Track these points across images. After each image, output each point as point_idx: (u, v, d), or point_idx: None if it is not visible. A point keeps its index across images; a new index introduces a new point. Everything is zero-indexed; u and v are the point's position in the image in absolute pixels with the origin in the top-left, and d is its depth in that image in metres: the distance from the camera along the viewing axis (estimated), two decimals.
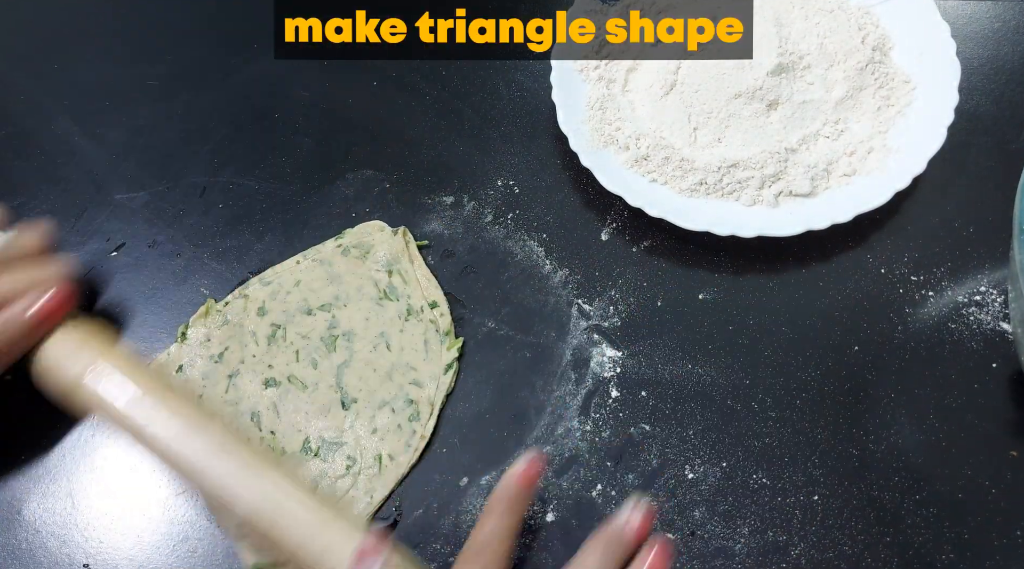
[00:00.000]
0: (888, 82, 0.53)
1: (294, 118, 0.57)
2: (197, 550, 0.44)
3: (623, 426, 0.46)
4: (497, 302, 0.50)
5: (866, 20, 0.54)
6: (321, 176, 0.55)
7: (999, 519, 0.42)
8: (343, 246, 0.52)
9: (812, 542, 0.43)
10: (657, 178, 0.51)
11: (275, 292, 0.51)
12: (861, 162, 0.51)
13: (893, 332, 0.48)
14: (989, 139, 0.53)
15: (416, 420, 0.47)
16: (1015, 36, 0.57)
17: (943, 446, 0.44)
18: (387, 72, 0.58)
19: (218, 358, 0.49)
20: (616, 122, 0.53)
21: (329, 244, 0.52)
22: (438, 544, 0.44)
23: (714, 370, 0.47)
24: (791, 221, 0.48)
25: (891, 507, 0.43)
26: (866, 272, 0.49)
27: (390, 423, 0.47)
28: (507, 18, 0.60)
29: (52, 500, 0.46)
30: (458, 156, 0.55)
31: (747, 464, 0.45)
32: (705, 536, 0.43)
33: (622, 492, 0.44)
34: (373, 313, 0.50)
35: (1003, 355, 0.46)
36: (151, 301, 0.51)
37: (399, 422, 0.47)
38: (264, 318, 0.50)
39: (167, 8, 0.62)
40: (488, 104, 0.57)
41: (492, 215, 0.53)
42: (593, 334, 0.49)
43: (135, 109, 0.58)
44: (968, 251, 0.50)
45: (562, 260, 0.51)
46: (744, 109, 0.51)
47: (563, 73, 0.53)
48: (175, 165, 0.56)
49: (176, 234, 0.53)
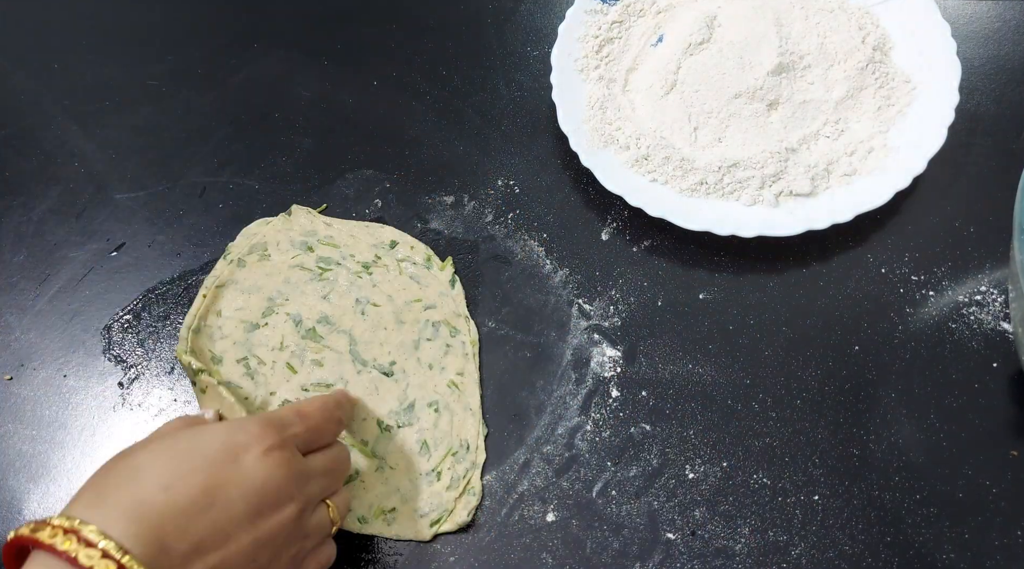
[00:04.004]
0: (888, 82, 0.53)
1: (294, 118, 0.57)
2: None
3: (623, 426, 0.46)
4: (497, 302, 0.50)
5: (866, 20, 0.54)
6: (321, 176, 0.55)
7: (999, 519, 0.42)
8: (233, 260, 0.50)
9: (812, 542, 0.43)
10: (657, 178, 0.51)
11: (212, 334, 0.48)
12: (861, 162, 0.51)
13: (893, 332, 0.48)
14: (989, 139, 0.53)
15: (456, 334, 0.46)
16: (1015, 36, 0.57)
17: (943, 446, 0.44)
18: (387, 72, 0.58)
19: None
20: (616, 122, 0.53)
21: (220, 266, 0.50)
22: (438, 544, 0.44)
23: (714, 370, 0.47)
24: (791, 221, 0.48)
25: (891, 507, 0.43)
26: (866, 272, 0.49)
27: (436, 350, 0.46)
28: (507, 18, 0.60)
29: (52, 500, 0.46)
30: (458, 156, 0.55)
31: (747, 464, 0.45)
32: (705, 536, 0.43)
33: (622, 492, 0.44)
34: (327, 289, 0.48)
35: (1003, 355, 0.46)
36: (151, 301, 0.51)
37: (444, 344, 0.46)
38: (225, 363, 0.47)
39: (167, 8, 0.62)
40: (488, 104, 0.57)
41: (492, 215, 0.53)
42: (593, 334, 0.49)
43: (135, 109, 0.58)
44: (968, 251, 0.50)
45: (562, 260, 0.51)
46: (744, 109, 0.51)
47: (563, 73, 0.53)
48: (175, 165, 0.56)
49: (176, 234, 0.53)
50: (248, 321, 0.49)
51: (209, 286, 0.50)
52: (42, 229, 0.54)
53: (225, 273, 0.50)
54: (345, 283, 0.49)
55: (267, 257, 0.50)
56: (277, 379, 0.47)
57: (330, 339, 0.48)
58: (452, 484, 0.44)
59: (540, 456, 0.45)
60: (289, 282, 0.50)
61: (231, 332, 0.48)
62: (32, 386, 0.49)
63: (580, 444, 0.46)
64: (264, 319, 0.49)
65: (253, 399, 0.47)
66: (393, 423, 0.46)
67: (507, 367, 0.48)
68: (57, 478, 0.46)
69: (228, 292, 0.49)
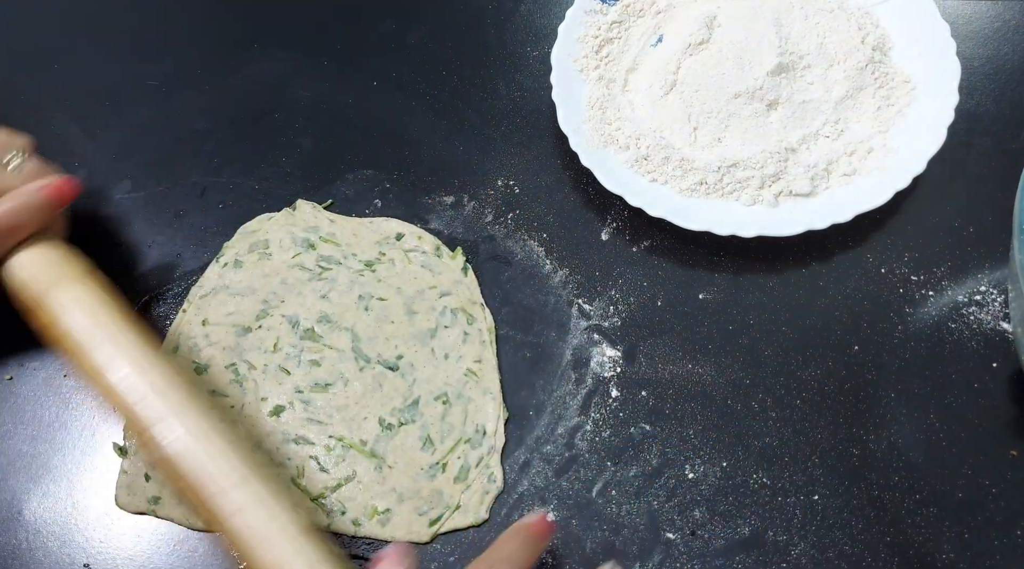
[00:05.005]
0: (888, 82, 0.53)
1: (294, 118, 0.57)
2: (197, 550, 0.44)
3: (623, 426, 0.46)
4: (497, 302, 0.50)
5: (866, 20, 0.54)
6: (321, 176, 0.55)
7: (999, 519, 0.42)
8: (228, 263, 0.49)
9: (812, 542, 0.43)
10: (657, 178, 0.51)
11: (196, 346, 0.47)
12: (861, 162, 0.51)
13: (893, 332, 0.48)
14: (989, 139, 0.53)
15: (473, 322, 0.44)
16: (1015, 36, 0.57)
17: (943, 446, 0.44)
18: (387, 72, 0.58)
19: None
20: (616, 122, 0.53)
21: (209, 273, 0.49)
22: (438, 544, 0.44)
23: (714, 370, 0.47)
24: (791, 221, 0.49)
25: (891, 507, 0.43)
26: (866, 272, 0.49)
27: (454, 338, 0.44)
28: (507, 18, 0.60)
29: (52, 500, 0.46)
30: (458, 156, 0.55)
31: (747, 464, 0.45)
32: (705, 536, 0.43)
33: (622, 492, 0.44)
34: (326, 288, 0.46)
35: (1003, 355, 0.46)
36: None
37: (461, 332, 0.44)
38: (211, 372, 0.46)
39: (167, 8, 0.62)
40: (488, 104, 0.57)
41: (492, 215, 0.53)
42: (593, 334, 0.49)
43: (135, 109, 0.58)
44: (968, 251, 0.50)
45: (562, 260, 0.51)
46: (744, 109, 0.51)
47: (563, 73, 0.53)
48: (175, 165, 0.56)
49: (176, 234, 0.53)
50: (240, 325, 0.48)
51: (192, 299, 0.49)
52: None
53: (213, 280, 0.49)
54: (346, 281, 0.49)
55: (268, 256, 0.50)
56: (269, 383, 0.46)
57: (330, 338, 0.47)
58: (460, 474, 0.44)
59: (540, 456, 0.46)
60: (286, 283, 0.49)
61: (220, 339, 0.47)
62: (32, 386, 0.49)
63: (580, 444, 0.46)
64: (258, 322, 0.48)
65: (239, 408, 0.46)
66: (395, 421, 0.45)
67: (507, 367, 0.48)
68: (57, 478, 0.46)
69: (216, 299, 0.49)
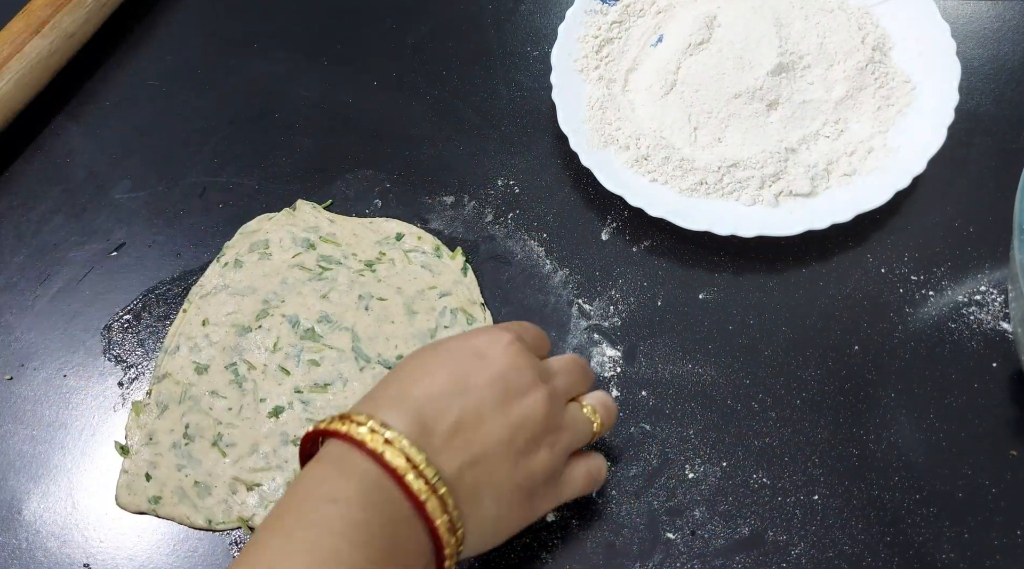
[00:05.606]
0: (888, 82, 0.53)
1: (294, 118, 0.57)
2: (197, 550, 0.44)
3: (623, 426, 0.46)
4: (497, 302, 0.50)
5: (866, 20, 0.54)
6: (321, 176, 0.55)
7: (999, 519, 0.42)
8: (228, 263, 0.49)
9: (812, 542, 0.43)
10: (657, 178, 0.51)
11: (196, 346, 0.47)
12: (861, 162, 0.51)
13: (893, 332, 0.48)
14: (989, 139, 0.53)
15: (473, 322, 0.44)
16: (1015, 36, 0.57)
17: (943, 446, 0.44)
18: (387, 72, 0.58)
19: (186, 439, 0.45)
20: (616, 122, 0.53)
21: (209, 272, 0.49)
22: None
23: (714, 370, 0.47)
24: (791, 221, 0.49)
25: (891, 507, 0.43)
26: (866, 272, 0.49)
27: None
28: (507, 18, 0.60)
29: (52, 500, 0.46)
30: (458, 156, 0.55)
31: (747, 464, 0.45)
32: (705, 536, 0.43)
33: (622, 492, 0.44)
34: (326, 288, 0.46)
35: (1003, 355, 0.46)
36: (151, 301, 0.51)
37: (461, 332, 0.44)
38: (211, 372, 0.46)
39: (167, 8, 0.62)
40: (488, 104, 0.57)
41: (492, 215, 0.53)
42: (593, 334, 0.49)
43: (135, 109, 0.58)
44: (968, 251, 0.50)
45: (562, 260, 0.51)
46: (744, 109, 0.51)
47: (563, 73, 0.53)
48: (175, 165, 0.56)
49: (176, 234, 0.53)
50: (240, 325, 0.48)
51: (192, 299, 0.49)
52: (42, 229, 0.54)
53: (214, 280, 0.49)
54: (346, 281, 0.48)
55: (268, 256, 0.50)
56: (268, 384, 0.46)
57: (330, 338, 0.47)
58: None
59: None
60: (286, 283, 0.49)
61: (220, 339, 0.47)
62: (32, 386, 0.49)
63: None
64: (258, 322, 0.48)
65: (236, 409, 0.46)
66: None
67: None
68: (57, 478, 0.46)
69: (217, 299, 0.49)
